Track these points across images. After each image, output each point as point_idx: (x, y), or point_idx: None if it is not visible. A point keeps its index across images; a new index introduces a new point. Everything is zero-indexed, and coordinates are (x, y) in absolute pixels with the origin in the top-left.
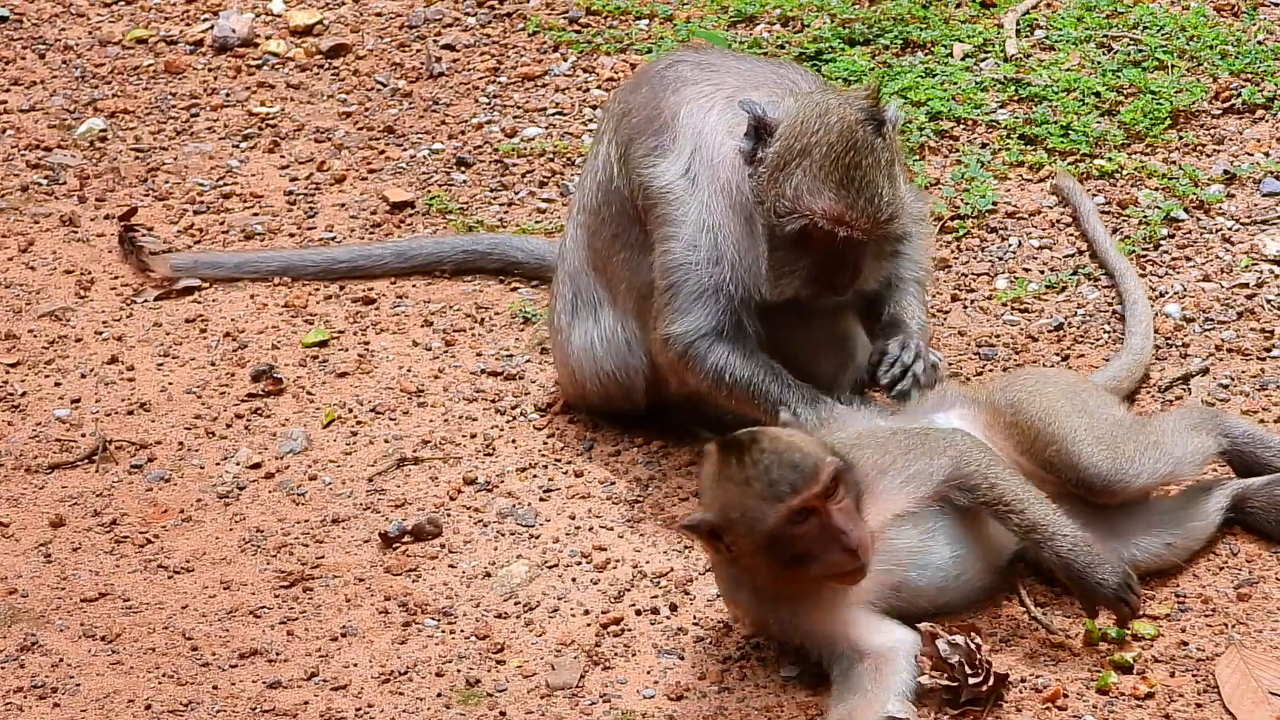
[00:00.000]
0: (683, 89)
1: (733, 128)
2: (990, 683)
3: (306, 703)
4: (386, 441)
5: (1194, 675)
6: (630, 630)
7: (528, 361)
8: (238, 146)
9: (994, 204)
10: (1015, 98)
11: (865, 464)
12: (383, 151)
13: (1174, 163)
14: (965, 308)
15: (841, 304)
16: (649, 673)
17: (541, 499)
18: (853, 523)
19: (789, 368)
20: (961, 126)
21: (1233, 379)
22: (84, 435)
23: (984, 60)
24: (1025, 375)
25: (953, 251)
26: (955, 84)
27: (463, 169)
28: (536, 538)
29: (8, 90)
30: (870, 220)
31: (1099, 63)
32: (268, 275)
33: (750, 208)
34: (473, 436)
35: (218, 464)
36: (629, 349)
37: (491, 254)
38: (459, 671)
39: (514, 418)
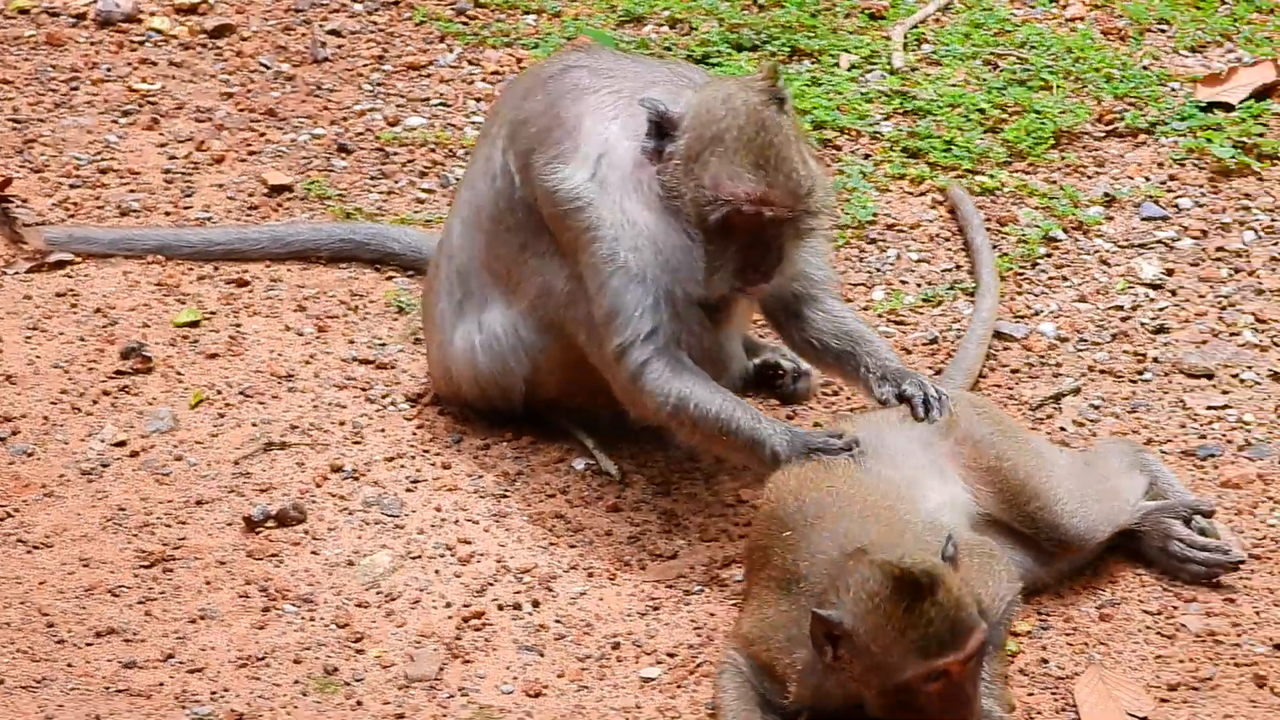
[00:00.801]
0: (583, 97)
1: (636, 131)
2: None
3: (161, 684)
4: (254, 425)
5: (1053, 693)
6: (491, 625)
7: (400, 351)
8: (117, 122)
9: (874, 215)
10: (900, 110)
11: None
12: (263, 134)
13: (1055, 182)
14: None
15: (744, 303)
16: (508, 668)
17: (408, 489)
18: (975, 690)
19: None
20: (845, 137)
21: (1104, 400)
22: None
23: (870, 72)
24: (979, 406)
25: (831, 262)
26: (841, 94)
27: (343, 155)
28: (401, 528)
29: None
30: (792, 196)
31: (984, 79)
32: (142, 253)
33: (666, 205)
34: (341, 424)
35: (83, 440)
36: (514, 353)
37: (369, 244)
38: (317, 659)
39: (384, 407)
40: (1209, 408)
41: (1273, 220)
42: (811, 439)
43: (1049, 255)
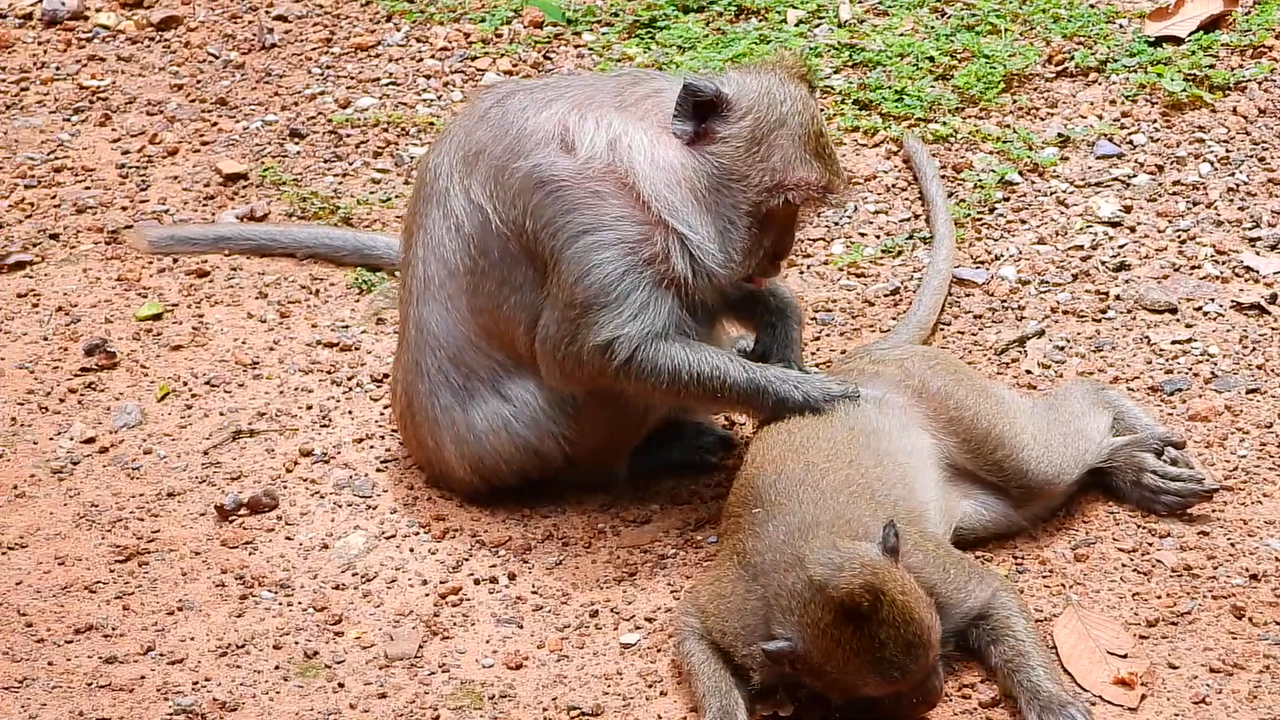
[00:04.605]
0: (542, 111)
1: (643, 120)
2: None
3: (143, 677)
4: (222, 414)
5: None
6: (469, 599)
7: (363, 333)
8: (69, 120)
9: None
10: (850, 63)
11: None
12: (215, 123)
13: (1008, 126)
14: (802, 274)
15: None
16: (488, 642)
17: (379, 469)
18: (937, 687)
19: None
20: None
21: (1068, 341)
22: None
23: (818, 26)
24: (933, 359)
25: None
26: (790, 50)
27: (296, 140)
28: (374, 508)
29: None
30: (846, 185)
31: (932, 27)
32: (243, 251)
33: (702, 188)
34: (309, 408)
35: (51, 439)
36: (549, 410)
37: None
38: (297, 644)
39: (350, 389)
40: (1173, 342)
41: (1227, 151)
42: (812, 380)
43: (1006, 199)
